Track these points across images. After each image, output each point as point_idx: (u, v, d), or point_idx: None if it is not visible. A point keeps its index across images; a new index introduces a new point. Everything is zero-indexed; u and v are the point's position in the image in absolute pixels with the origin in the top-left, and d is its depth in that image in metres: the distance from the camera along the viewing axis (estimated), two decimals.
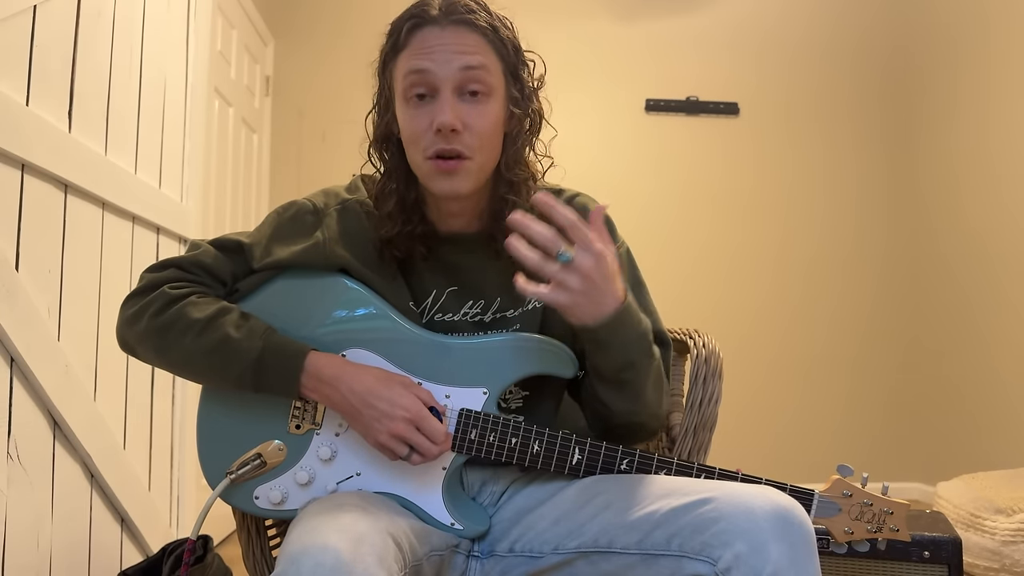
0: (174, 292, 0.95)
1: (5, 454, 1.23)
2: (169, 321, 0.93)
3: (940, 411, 3.19)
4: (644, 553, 0.82)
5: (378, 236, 0.99)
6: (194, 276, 0.98)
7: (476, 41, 0.94)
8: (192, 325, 0.92)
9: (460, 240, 1.02)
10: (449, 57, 0.92)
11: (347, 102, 3.19)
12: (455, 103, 0.92)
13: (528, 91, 1.00)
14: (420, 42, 0.93)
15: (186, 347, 0.92)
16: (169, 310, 0.94)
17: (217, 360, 0.92)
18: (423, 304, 1.02)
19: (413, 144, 0.95)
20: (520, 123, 0.99)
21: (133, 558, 1.69)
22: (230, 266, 1.00)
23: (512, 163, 0.99)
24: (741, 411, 3.18)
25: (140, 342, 0.96)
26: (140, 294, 0.96)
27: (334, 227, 1.00)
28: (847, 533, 0.94)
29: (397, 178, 1.00)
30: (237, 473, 0.94)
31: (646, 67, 3.37)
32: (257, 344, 0.91)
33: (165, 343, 0.94)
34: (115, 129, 1.63)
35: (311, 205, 1.02)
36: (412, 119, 0.94)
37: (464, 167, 0.94)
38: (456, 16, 0.93)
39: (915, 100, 3.36)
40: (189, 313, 0.93)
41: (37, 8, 1.32)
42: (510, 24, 0.99)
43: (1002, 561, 1.89)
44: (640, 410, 0.96)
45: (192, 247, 1.02)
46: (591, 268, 0.84)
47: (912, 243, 3.36)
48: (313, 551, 0.71)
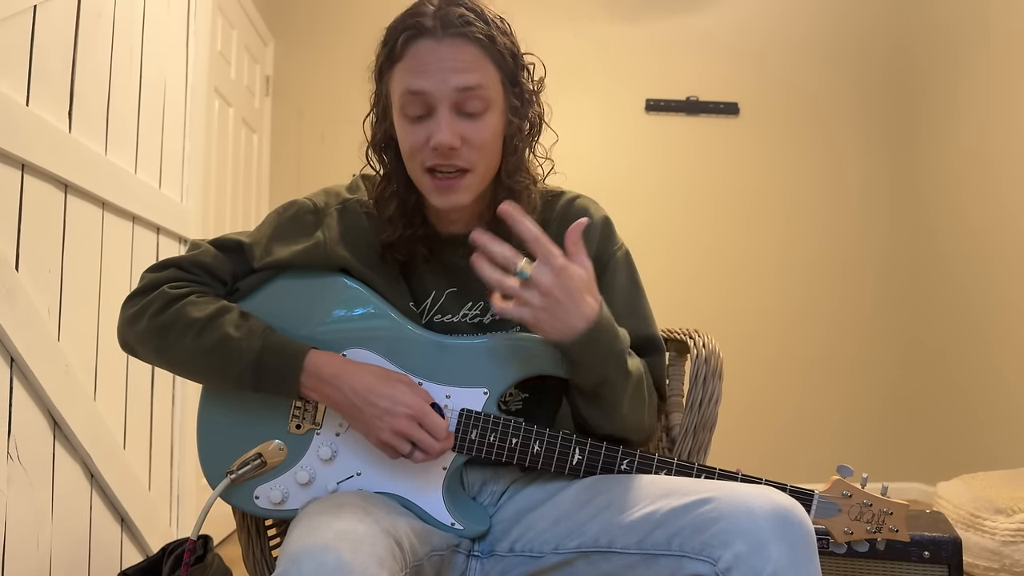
0: (174, 292, 0.95)
1: (5, 454, 1.23)
2: (169, 321, 0.93)
3: (940, 411, 3.19)
4: (644, 553, 0.82)
5: (380, 239, 0.99)
6: (194, 276, 0.98)
7: (473, 55, 0.92)
8: (192, 325, 0.92)
9: (461, 242, 1.01)
10: (446, 76, 0.90)
11: (347, 102, 3.19)
12: (452, 120, 0.91)
13: (528, 96, 1.00)
14: (415, 57, 0.92)
15: (186, 347, 0.92)
16: (169, 310, 0.93)
17: (217, 360, 0.92)
18: (423, 305, 1.02)
19: (411, 157, 0.95)
20: (520, 129, 0.99)
21: (133, 558, 1.69)
22: (230, 266, 0.99)
23: (513, 168, 0.99)
24: (742, 411, 3.18)
25: (140, 342, 0.96)
26: (140, 294, 0.96)
27: (335, 227, 1.00)
28: (846, 533, 0.94)
29: (397, 181, 0.99)
30: (237, 473, 0.94)
31: (646, 67, 3.37)
32: (256, 343, 0.91)
33: (165, 343, 0.93)
34: (115, 129, 1.63)
35: (312, 204, 1.02)
36: (410, 133, 0.94)
37: (463, 182, 0.94)
38: (452, 29, 0.91)
39: (916, 101, 3.36)
40: (189, 313, 0.92)
41: (37, 8, 1.32)
42: (508, 28, 0.97)
43: (1002, 561, 1.89)
44: (618, 426, 0.96)
45: (192, 247, 1.02)
46: (550, 285, 0.84)
47: (912, 243, 3.36)
48: (314, 551, 0.71)
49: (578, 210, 1.06)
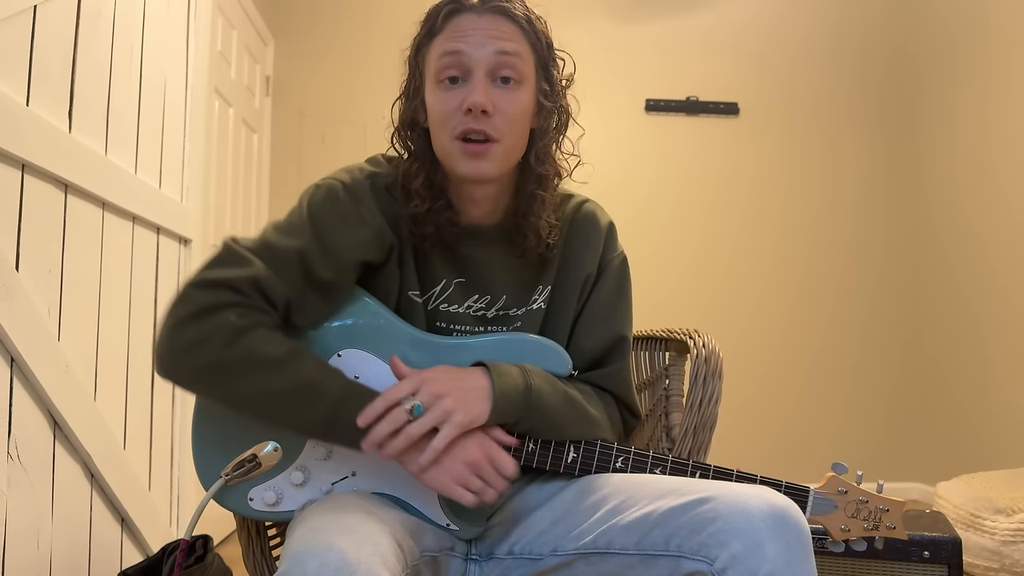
0: (241, 322, 0.86)
1: (5, 454, 1.23)
2: (239, 356, 0.84)
3: (940, 411, 3.18)
4: (643, 553, 0.83)
5: (407, 212, 0.98)
6: (253, 302, 0.88)
7: (512, 30, 0.95)
8: (266, 363, 0.85)
9: (478, 233, 1.02)
10: (484, 41, 0.93)
11: (347, 102, 3.20)
12: (487, 86, 0.93)
13: (558, 87, 1.01)
14: (456, 27, 0.94)
15: (256, 387, 0.85)
16: (238, 343, 0.84)
17: (289, 403, 0.86)
18: (430, 292, 1.01)
19: (441, 126, 0.95)
20: (548, 118, 1.00)
21: (133, 558, 1.69)
22: (284, 288, 0.90)
23: (541, 157, 1.00)
24: (739, 410, 3.18)
25: (198, 375, 0.86)
26: (195, 319, 0.85)
27: (371, 203, 0.97)
28: (844, 531, 0.94)
29: (423, 159, 0.99)
30: (232, 474, 0.93)
31: (646, 67, 3.37)
32: (335, 389, 0.87)
33: (230, 380, 0.85)
34: (115, 129, 1.64)
35: (340, 184, 0.97)
36: (443, 100, 0.94)
37: (492, 150, 0.94)
38: (493, 4, 0.95)
39: (916, 102, 3.36)
40: (262, 349, 0.85)
41: (37, 8, 1.32)
42: (544, 21, 1.00)
43: (1002, 561, 1.89)
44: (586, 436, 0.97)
45: (233, 258, 0.90)
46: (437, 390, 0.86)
47: (912, 243, 3.36)
48: (317, 551, 0.71)
49: (586, 213, 1.07)
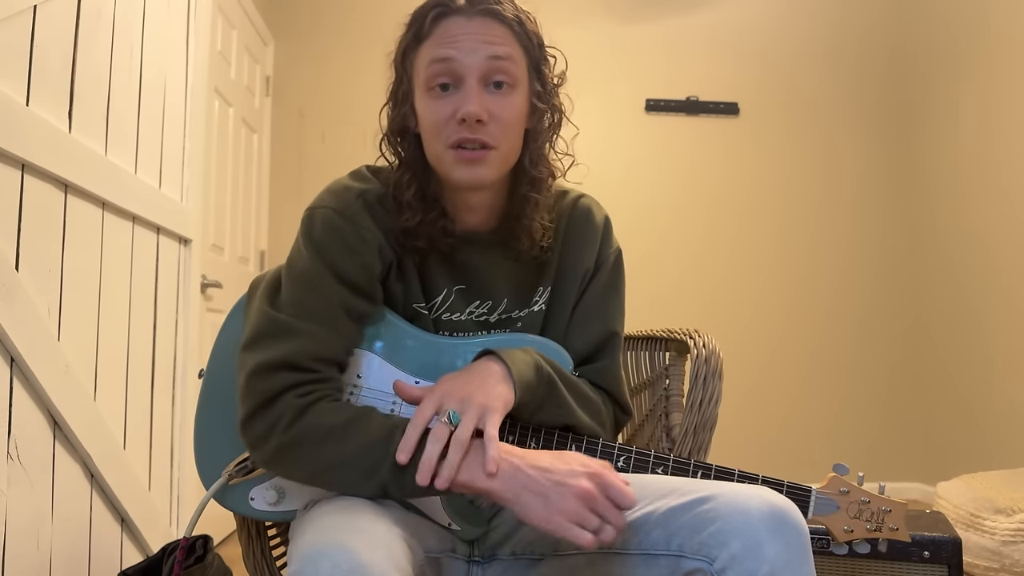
0: (300, 401, 0.86)
1: (5, 454, 1.23)
2: (302, 433, 0.84)
3: (940, 411, 3.18)
4: (644, 553, 0.82)
5: (399, 226, 0.95)
6: (313, 374, 0.88)
7: (502, 32, 0.92)
8: (330, 433, 0.84)
9: (475, 239, 1.00)
10: (475, 46, 0.90)
11: (347, 102, 3.20)
12: (480, 93, 0.90)
13: (550, 87, 0.99)
14: (445, 31, 0.91)
15: (326, 457, 0.84)
16: (299, 421, 0.84)
17: (359, 467, 0.83)
18: (432, 301, 1.00)
19: (434, 135, 0.92)
20: (542, 118, 0.98)
21: (133, 558, 1.69)
22: (339, 341, 0.90)
23: (535, 159, 0.98)
24: (739, 410, 3.18)
25: (276, 461, 0.87)
26: (260, 411, 0.86)
27: (368, 223, 0.95)
28: (847, 532, 0.93)
29: (415, 168, 0.97)
30: (232, 474, 0.93)
31: (646, 67, 3.37)
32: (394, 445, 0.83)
33: (298, 459, 0.85)
34: (115, 129, 1.63)
35: (332, 211, 0.93)
36: (435, 109, 0.91)
37: (488, 157, 0.92)
38: (482, 7, 0.92)
39: (916, 101, 3.36)
40: (324, 420, 0.84)
41: (37, 8, 1.32)
42: (534, 19, 0.98)
43: (1002, 561, 1.89)
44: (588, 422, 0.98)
45: (278, 329, 0.89)
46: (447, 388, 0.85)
47: (911, 243, 3.36)
48: (330, 552, 0.70)
49: (582, 209, 1.06)
